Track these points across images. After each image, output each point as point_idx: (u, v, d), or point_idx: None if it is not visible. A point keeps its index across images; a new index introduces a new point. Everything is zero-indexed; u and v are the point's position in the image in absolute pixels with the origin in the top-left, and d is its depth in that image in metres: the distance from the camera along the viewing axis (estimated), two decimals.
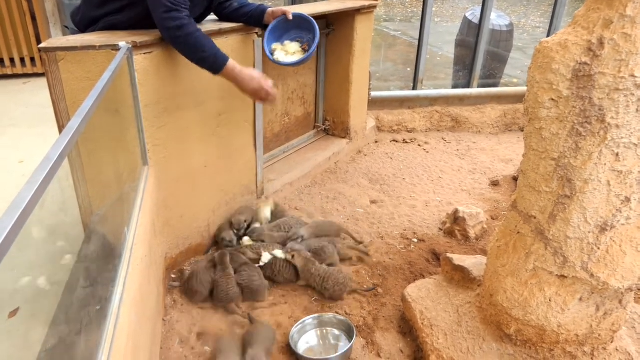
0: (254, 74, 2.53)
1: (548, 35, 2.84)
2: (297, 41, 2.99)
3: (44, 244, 2.46)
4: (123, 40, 2.20)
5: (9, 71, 6.56)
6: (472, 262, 2.49)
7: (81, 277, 2.01)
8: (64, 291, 1.96)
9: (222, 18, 2.95)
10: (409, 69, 6.09)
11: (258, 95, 2.58)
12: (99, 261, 2.10)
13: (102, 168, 2.31)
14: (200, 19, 2.77)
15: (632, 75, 1.54)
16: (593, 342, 2.02)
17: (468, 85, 5.67)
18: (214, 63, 2.41)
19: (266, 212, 3.32)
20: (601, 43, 1.58)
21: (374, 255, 3.12)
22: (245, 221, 3.13)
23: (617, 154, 1.66)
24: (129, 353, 1.53)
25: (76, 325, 1.71)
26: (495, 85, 5.92)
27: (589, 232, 1.78)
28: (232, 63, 2.45)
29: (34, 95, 5.92)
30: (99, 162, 2.27)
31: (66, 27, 2.96)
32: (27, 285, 2.23)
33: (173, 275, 2.84)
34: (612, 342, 2.08)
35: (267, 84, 2.56)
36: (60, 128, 2.24)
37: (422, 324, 2.31)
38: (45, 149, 1.09)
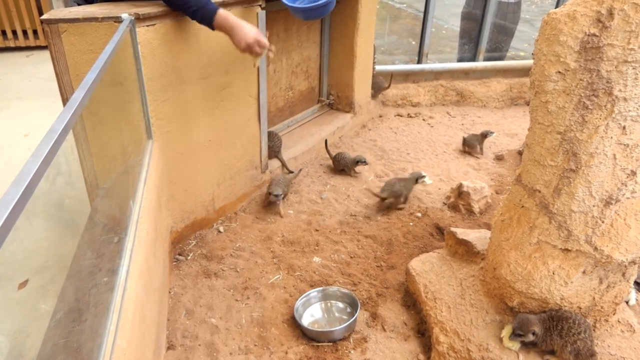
0: (251, 27, 2.48)
1: (556, 7, 2.78)
2: None
3: (50, 218, 2.48)
4: (125, 12, 2.18)
5: (11, 44, 6.52)
6: (475, 236, 2.50)
7: (88, 250, 2.03)
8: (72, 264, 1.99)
9: None
10: (413, 42, 6.01)
11: (252, 47, 2.50)
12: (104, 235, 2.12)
13: (107, 142, 2.31)
14: None
15: None
16: (595, 314, 2.04)
17: (474, 58, 5.60)
18: (203, 17, 2.37)
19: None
20: (611, 14, 1.55)
21: (378, 230, 3.13)
22: None
23: (624, 127, 1.65)
24: (136, 323, 1.56)
25: (85, 296, 1.74)
26: (501, 58, 5.84)
27: (594, 206, 1.78)
28: (223, 12, 2.39)
29: (38, 68, 5.89)
30: (104, 136, 2.27)
31: None
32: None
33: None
34: (614, 314, 2.10)
35: (261, 35, 2.51)
36: (64, 101, 2.23)
37: (426, 297, 2.34)
38: (50, 122, 1.08)
